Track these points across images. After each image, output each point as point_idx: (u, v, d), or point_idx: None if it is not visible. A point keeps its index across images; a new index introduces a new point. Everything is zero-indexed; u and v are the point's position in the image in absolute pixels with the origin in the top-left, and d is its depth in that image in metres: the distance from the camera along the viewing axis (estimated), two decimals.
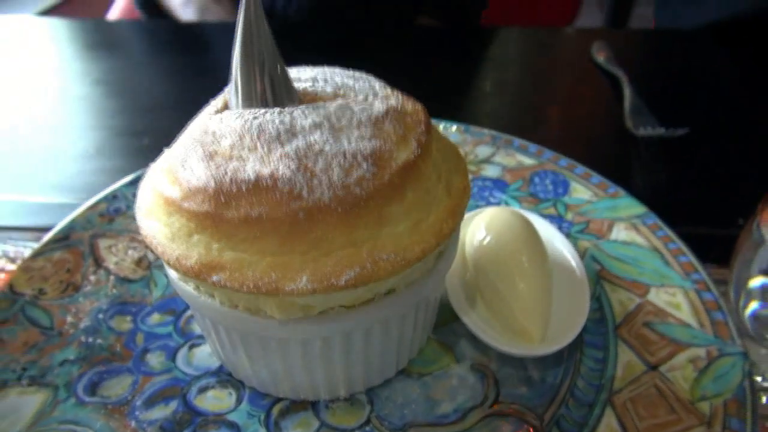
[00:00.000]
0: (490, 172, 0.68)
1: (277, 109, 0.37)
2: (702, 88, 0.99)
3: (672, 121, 0.84)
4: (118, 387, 0.46)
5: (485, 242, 0.50)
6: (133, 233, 0.60)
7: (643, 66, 1.08)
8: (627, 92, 0.92)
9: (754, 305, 0.45)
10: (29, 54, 1.15)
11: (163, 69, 1.10)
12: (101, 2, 1.40)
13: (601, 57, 1.05)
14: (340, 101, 0.39)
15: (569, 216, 0.61)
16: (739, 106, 0.93)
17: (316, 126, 0.36)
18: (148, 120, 0.92)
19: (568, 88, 1.04)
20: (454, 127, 0.75)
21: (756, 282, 0.44)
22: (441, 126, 0.75)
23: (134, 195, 0.64)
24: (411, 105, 0.42)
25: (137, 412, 0.44)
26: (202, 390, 0.46)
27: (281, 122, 0.36)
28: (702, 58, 1.10)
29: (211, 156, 0.36)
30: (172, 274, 0.42)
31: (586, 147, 0.86)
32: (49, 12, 2.19)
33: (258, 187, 0.33)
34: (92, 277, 0.55)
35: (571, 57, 1.16)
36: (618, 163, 0.82)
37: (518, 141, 0.72)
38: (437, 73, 1.07)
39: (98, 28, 1.28)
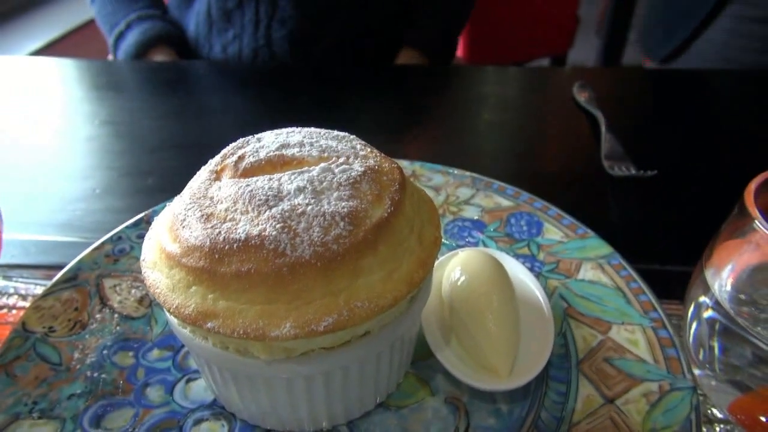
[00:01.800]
0: (470, 213, 0.73)
1: (267, 177, 0.43)
2: (674, 130, 1.04)
3: (645, 162, 0.90)
4: (120, 419, 0.50)
5: (459, 284, 0.55)
6: (135, 273, 0.65)
7: (621, 107, 1.14)
8: (604, 133, 0.98)
9: (697, 339, 0.49)
10: (37, 94, 1.21)
11: (168, 110, 1.16)
12: (89, 42, 1.46)
13: (582, 97, 1.11)
14: (323, 164, 0.44)
15: (541, 256, 0.66)
16: (706, 149, 0.99)
17: (300, 190, 0.41)
18: (152, 160, 0.97)
19: (550, 128, 1.10)
20: (438, 169, 0.80)
21: (698, 317, 0.49)
22: (426, 168, 0.80)
23: (137, 236, 0.69)
24: (388, 164, 0.47)
25: None
26: (197, 422, 0.50)
27: (270, 188, 0.41)
28: (677, 100, 1.17)
29: (207, 218, 0.41)
30: (171, 318, 0.46)
31: (565, 185, 0.91)
32: (38, 53, 2.28)
33: (248, 245, 0.38)
34: (98, 315, 0.59)
35: (553, 96, 1.22)
36: (593, 201, 0.87)
37: (497, 183, 0.77)
38: (421, 112, 1.13)
39: (104, 68, 1.34)
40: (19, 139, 1.05)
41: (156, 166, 0.96)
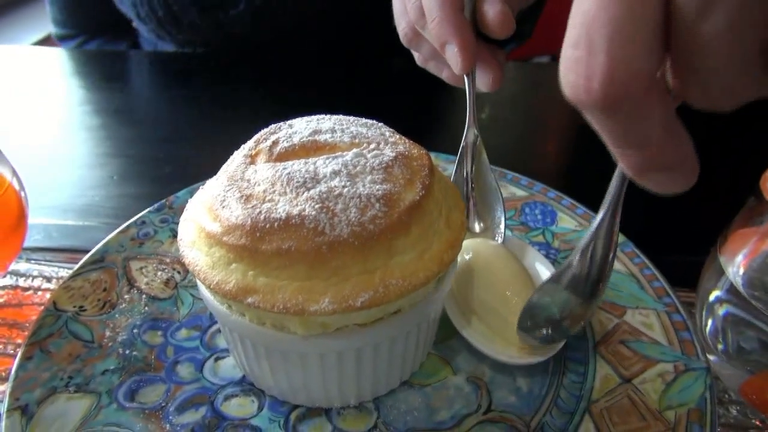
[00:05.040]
0: None
1: (302, 160, 0.44)
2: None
3: None
4: (153, 394, 0.52)
5: (476, 266, 0.57)
6: (160, 256, 0.66)
7: None
8: None
9: (711, 324, 0.51)
10: (52, 85, 1.22)
11: (181, 99, 1.17)
12: None
13: None
14: (355, 150, 0.45)
15: (556, 243, 0.68)
16: (716, 139, 1.00)
17: (336, 173, 0.43)
18: (167, 149, 0.98)
19: (559, 122, 1.12)
20: (453, 160, 0.81)
21: (712, 302, 0.50)
22: (442, 158, 0.82)
23: (161, 221, 0.71)
24: (416, 150, 0.49)
25: (171, 417, 0.50)
26: (228, 398, 0.52)
27: (306, 171, 0.43)
28: None
29: (247, 198, 0.42)
30: (207, 295, 0.48)
31: (574, 177, 0.92)
32: (45, 41, 2.27)
33: (288, 224, 0.40)
34: (126, 296, 0.61)
35: (561, 92, 1.23)
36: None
37: (511, 174, 0.78)
38: (435, 107, 1.14)
39: (117, 58, 1.35)
40: (36, 129, 1.06)
41: (171, 155, 0.97)
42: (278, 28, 1.23)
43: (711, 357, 0.54)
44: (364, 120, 0.52)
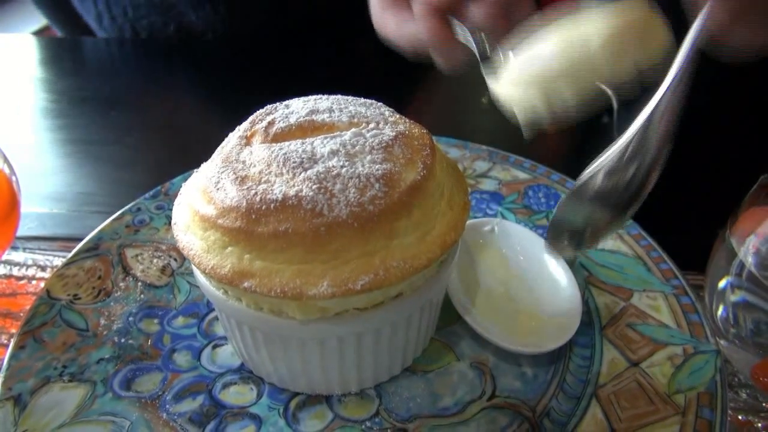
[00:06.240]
0: (487, 185, 0.73)
1: (299, 141, 0.43)
2: (689, 102, 1.04)
3: None
4: (149, 383, 0.51)
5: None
6: (156, 243, 0.65)
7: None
8: (615, 109, 0.98)
9: (722, 307, 0.50)
10: (46, 73, 1.20)
11: (177, 85, 1.15)
12: None
13: None
14: (354, 129, 0.44)
15: None
16: (723, 120, 0.98)
17: (334, 153, 0.41)
18: (162, 136, 0.97)
19: None
20: (454, 143, 0.80)
21: (723, 284, 0.49)
22: (442, 141, 0.80)
23: (156, 207, 0.69)
24: (417, 130, 0.47)
25: (168, 406, 0.49)
26: (226, 386, 0.51)
27: (303, 151, 0.41)
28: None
29: (242, 180, 0.41)
30: (202, 280, 0.47)
31: (579, 160, 0.90)
32: (44, 31, 2.25)
33: (285, 206, 0.38)
34: (122, 284, 0.60)
35: None
36: None
37: (514, 157, 0.77)
38: (436, 90, 1.12)
39: (110, 45, 1.33)
40: (29, 117, 1.04)
41: (166, 142, 0.96)
42: (251, 29, 1.24)
43: (720, 341, 0.53)
44: (362, 99, 0.50)
